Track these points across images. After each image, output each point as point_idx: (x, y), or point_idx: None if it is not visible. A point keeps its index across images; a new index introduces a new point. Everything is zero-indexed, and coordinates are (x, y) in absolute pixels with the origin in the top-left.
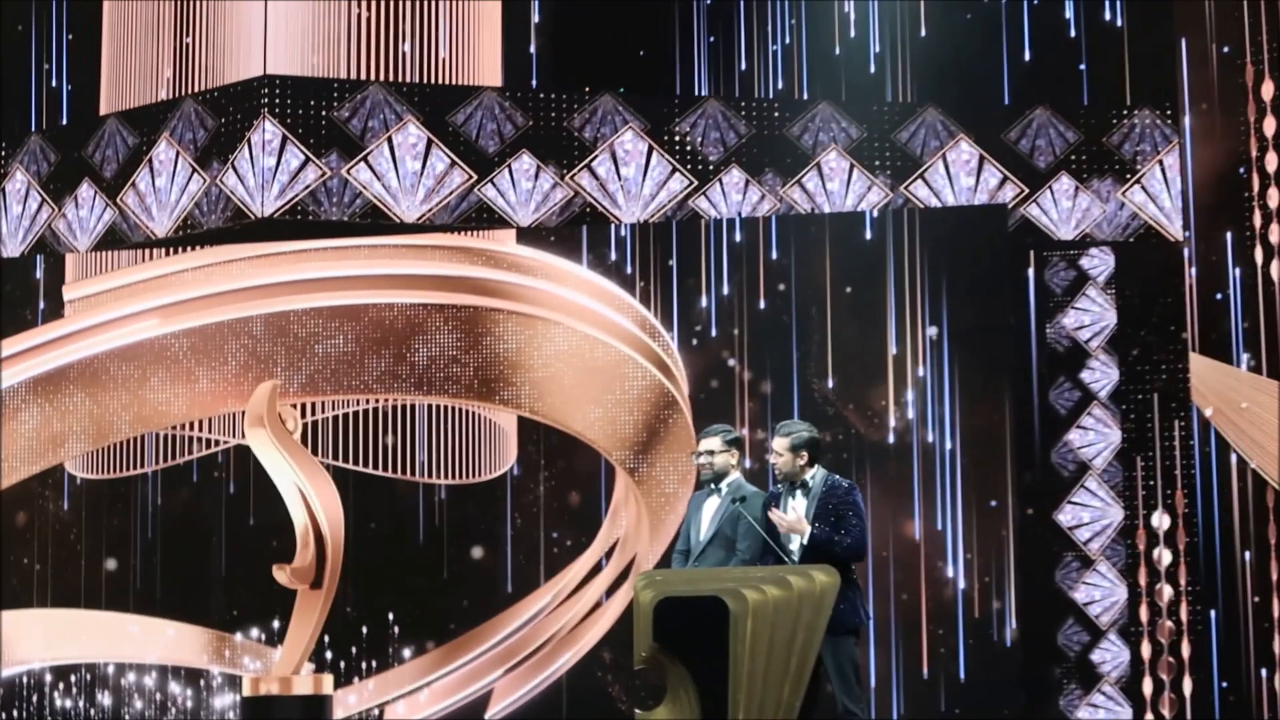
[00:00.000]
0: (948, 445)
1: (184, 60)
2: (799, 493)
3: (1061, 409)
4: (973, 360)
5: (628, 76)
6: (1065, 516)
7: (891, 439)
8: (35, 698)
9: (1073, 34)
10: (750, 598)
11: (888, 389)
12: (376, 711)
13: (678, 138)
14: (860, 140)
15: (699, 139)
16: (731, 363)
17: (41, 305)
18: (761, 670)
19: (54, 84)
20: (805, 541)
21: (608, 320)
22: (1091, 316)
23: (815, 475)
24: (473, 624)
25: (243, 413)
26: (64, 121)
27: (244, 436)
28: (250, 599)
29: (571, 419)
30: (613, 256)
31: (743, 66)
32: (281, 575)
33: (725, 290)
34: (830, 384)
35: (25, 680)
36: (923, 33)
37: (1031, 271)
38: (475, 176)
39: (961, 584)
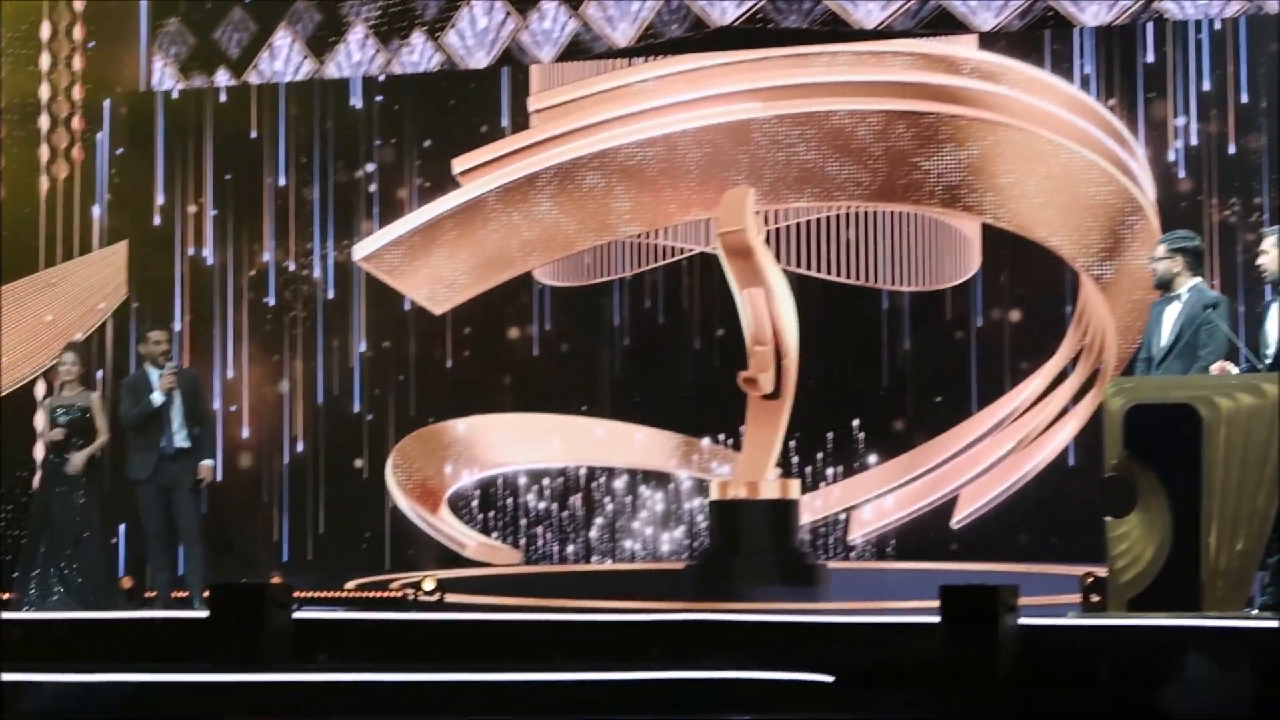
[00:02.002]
0: None
1: None
2: None
3: None
4: None
5: None
6: None
7: None
8: (510, 499)
9: None
10: (1223, 404)
11: None
12: (843, 516)
13: None
14: None
15: None
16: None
17: (506, 117)
18: (1235, 478)
19: None
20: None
21: (1072, 126)
22: None
23: None
24: (938, 431)
25: (705, 221)
26: None
27: (709, 245)
28: (718, 406)
29: (1035, 226)
30: (1076, 61)
31: None
32: (748, 385)
33: (1190, 95)
34: None
35: (500, 482)
36: None
37: None
38: None
39: None
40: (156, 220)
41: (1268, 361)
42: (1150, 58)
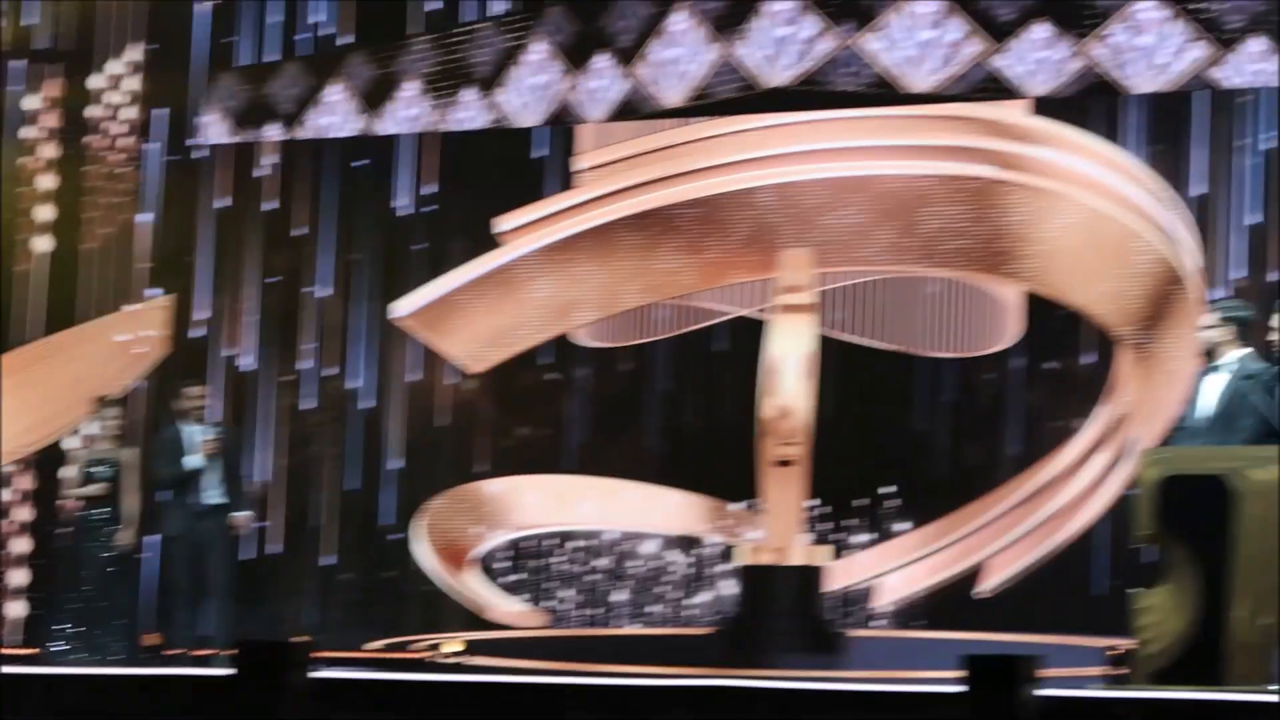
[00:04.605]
0: None
1: None
2: None
3: None
4: None
5: None
6: None
7: None
8: (540, 560)
9: None
10: (1256, 477)
11: None
12: (869, 585)
13: (1198, 4)
14: None
15: (1220, 5)
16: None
17: (550, 176)
18: (1265, 553)
19: None
20: None
21: (1117, 192)
22: None
23: None
24: (969, 499)
25: (748, 285)
26: None
27: (751, 308)
28: (750, 469)
29: (1076, 294)
30: (1126, 127)
31: None
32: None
33: (1234, 163)
34: None
35: (530, 544)
36: None
37: None
38: (989, 45)
39: None
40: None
41: None
42: (1201, 125)
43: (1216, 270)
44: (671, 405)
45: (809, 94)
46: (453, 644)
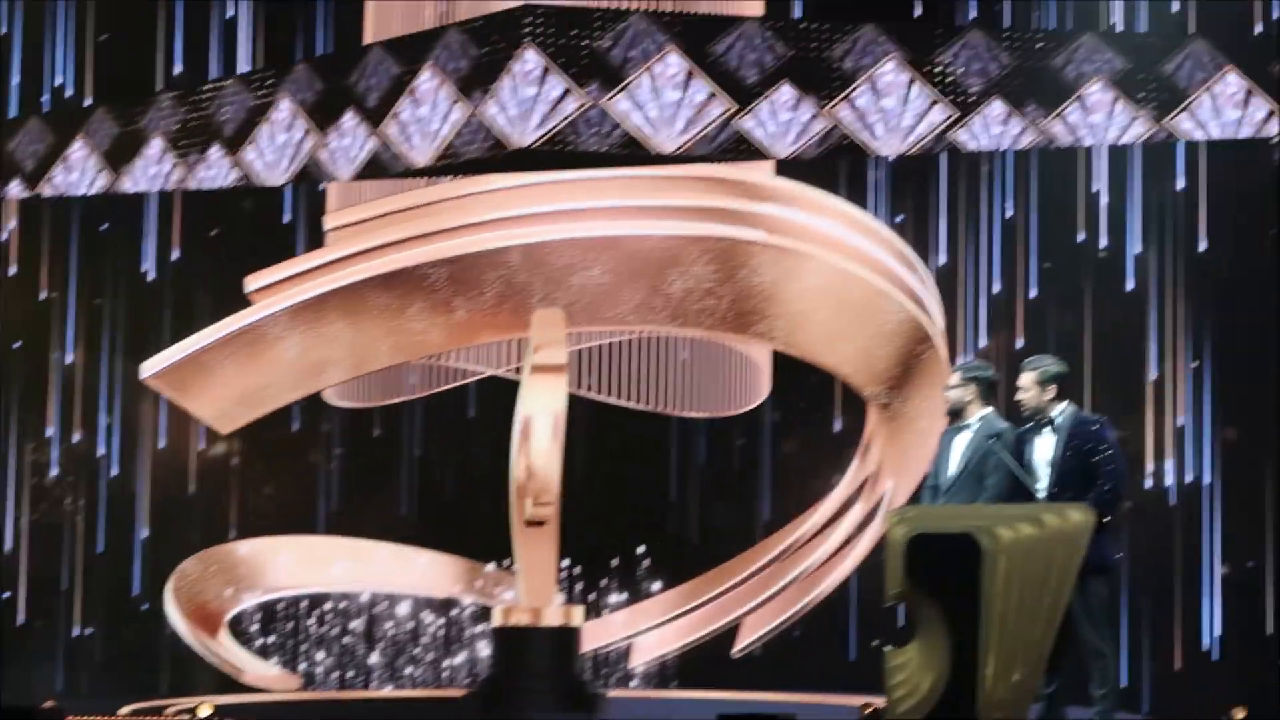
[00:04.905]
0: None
1: None
2: (1047, 430)
3: None
4: (1234, 294)
5: (889, 6)
6: None
7: (1153, 374)
8: (292, 623)
9: None
10: (1003, 536)
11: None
12: (625, 645)
13: (939, 69)
14: (1124, 72)
15: (961, 70)
16: (981, 299)
17: (302, 234)
18: (1014, 610)
19: (319, 13)
20: None
21: (864, 253)
22: None
23: (1064, 411)
24: (722, 559)
25: (498, 344)
26: (329, 50)
27: (501, 367)
28: (502, 529)
29: (825, 354)
30: (870, 189)
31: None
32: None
33: (983, 223)
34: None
35: (282, 606)
36: None
37: None
38: (734, 107)
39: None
40: None
41: (1039, 494)
42: (946, 189)
43: (964, 333)
44: (424, 465)
45: (558, 154)
46: (204, 708)
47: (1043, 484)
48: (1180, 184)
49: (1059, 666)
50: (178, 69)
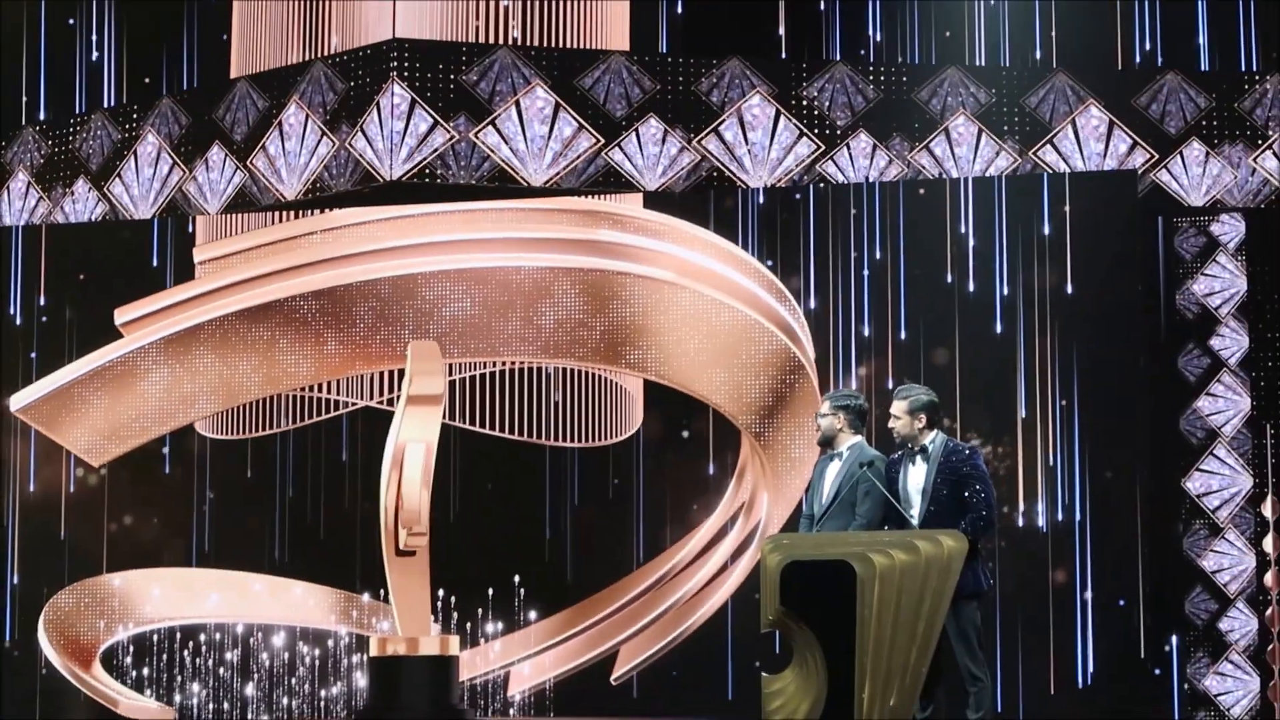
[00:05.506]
0: (1076, 413)
1: (314, 24)
2: (919, 458)
3: (1191, 376)
4: (1101, 326)
5: (755, 41)
6: (1194, 484)
7: (1023, 410)
8: (164, 656)
9: None
10: (878, 562)
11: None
12: (502, 674)
13: (805, 102)
14: (989, 105)
15: (827, 103)
16: (863, 329)
17: (171, 267)
18: (888, 635)
19: (184, 47)
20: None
21: (734, 284)
22: (1221, 283)
23: (935, 440)
24: (598, 587)
25: (370, 376)
26: (195, 84)
27: (373, 399)
28: (376, 559)
29: (697, 383)
30: (739, 221)
31: (875, 35)
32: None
33: (851, 254)
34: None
35: (154, 638)
36: None
37: (1161, 238)
38: (602, 140)
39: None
40: None
41: (912, 521)
42: (814, 219)
43: (835, 373)
44: (297, 496)
45: (428, 186)
46: None
47: (916, 511)
48: (1046, 226)
49: (934, 692)
50: (41, 115)
